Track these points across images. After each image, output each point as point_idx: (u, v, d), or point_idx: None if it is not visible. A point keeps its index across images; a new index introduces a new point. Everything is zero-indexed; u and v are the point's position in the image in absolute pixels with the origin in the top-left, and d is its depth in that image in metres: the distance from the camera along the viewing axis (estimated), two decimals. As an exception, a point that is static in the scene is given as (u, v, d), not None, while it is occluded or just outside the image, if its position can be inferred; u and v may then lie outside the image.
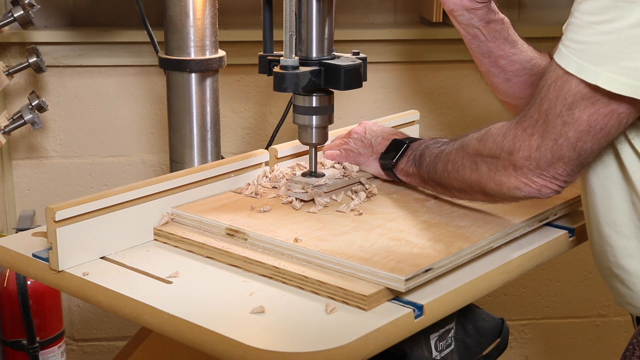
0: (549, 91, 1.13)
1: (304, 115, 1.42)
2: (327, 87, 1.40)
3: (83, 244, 1.24)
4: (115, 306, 1.16)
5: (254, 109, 2.30)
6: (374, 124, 1.58)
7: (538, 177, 1.17)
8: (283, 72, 1.35)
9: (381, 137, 1.51)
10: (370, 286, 1.12)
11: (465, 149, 1.27)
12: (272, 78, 1.38)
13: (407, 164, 1.41)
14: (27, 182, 2.29)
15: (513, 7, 2.38)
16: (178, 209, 1.36)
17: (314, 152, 1.46)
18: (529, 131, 1.15)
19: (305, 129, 1.44)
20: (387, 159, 1.45)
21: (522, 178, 1.18)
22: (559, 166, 1.15)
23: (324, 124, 1.44)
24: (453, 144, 1.31)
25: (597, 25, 1.08)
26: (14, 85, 2.20)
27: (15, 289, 1.97)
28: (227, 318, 1.08)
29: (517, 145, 1.16)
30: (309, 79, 1.36)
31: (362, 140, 1.53)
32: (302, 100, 1.42)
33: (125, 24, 2.22)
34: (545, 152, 1.14)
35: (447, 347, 1.33)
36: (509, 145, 1.17)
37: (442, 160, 1.32)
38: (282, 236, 1.24)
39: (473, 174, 1.25)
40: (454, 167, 1.28)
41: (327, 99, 1.42)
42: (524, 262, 1.29)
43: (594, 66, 1.08)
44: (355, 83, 1.38)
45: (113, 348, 2.40)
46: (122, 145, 2.30)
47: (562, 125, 1.12)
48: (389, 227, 1.29)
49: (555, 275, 2.51)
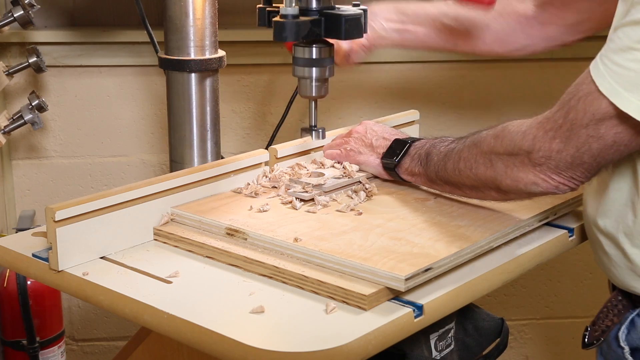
0: (578, 102, 1.13)
1: (304, 67, 1.41)
2: (327, 37, 1.37)
3: (83, 244, 1.24)
4: (115, 306, 1.16)
5: (254, 109, 2.30)
6: (375, 124, 1.58)
7: (556, 175, 1.18)
8: (283, 20, 1.33)
9: (382, 137, 1.51)
10: (370, 286, 1.12)
11: (479, 146, 1.27)
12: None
13: (411, 164, 1.41)
14: (27, 182, 2.29)
15: (513, 7, 2.38)
16: (178, 208, 1.36)
17: (314, 105, 1.45)
18: (550, 134, 1.16)
19: (305, 82, 1.42)
20: (389, 159, 1.45)
21: (540, 174, 1.19)
22: (578, 169, 1.17)
23: (324, 77, 1.42)
24: (464, 142, 1.31)
25: (637, 52, 1.08)
26: (14, 85, 2.20)
27: (15, 289, 1.97)
28: (227, 318, 1.08)
29: (537, 146, 1.17)
30: (309, 28, 1.34)
31: (363, 140, 1.53)
32: (301, 52, 1.40)
33: (125, 24, 2.22)
34: (566, 157, 1.16)
35: (447, 347, 1.33)
36: (528, 144, 1.18)
37: (452, 159, 1.32)
38: (282, 236, 1.24)
39: (488, 170, 1.25)
40: (466, 164, 1.29)
41: (328, 51, 1.40)
42: (523, 262, 1.29)
43: (627, 92, 1.08)
44: (356, 33, 1.35)
45: (113, 348, 2.40)
46: (122, 145, 2.30)
47: (586, 137, 1.13)
48: (388, 227, 1.29)
49: (555, 275, 2.51)
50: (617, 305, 1.31)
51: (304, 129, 1.46)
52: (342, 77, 2.29)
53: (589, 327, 1.36)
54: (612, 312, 1.32)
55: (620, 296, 1.31)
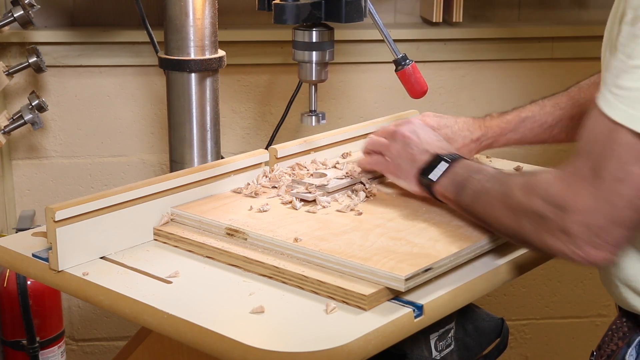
0: (595, 144, 1.03)
1: (304, 51, 1.40)
2: (327, 21, 1.37)
3: (83, 244, 1.24)
4: (115, 306, 1.16)
5: (254, 109, 2.30)
6: (422, 127, 1.43)
7: (591, 247, 1.05)
8: (283, 3, 1.32)
9: (425, 149, 1.38)
10: (370, 286, 1.12)
11: (507, 199, 1.16)
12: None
13: (446, 188, 1.31)
14: (27, 182, 2.29)
15: (513, 7, 2.38)
16: (178, 208, 1.36)
17: (313, 89, 1.44)
18: (577, 188, 1.04)
19: (305, 66, 1.41)
20: (426, 176, 1.34)
21: (571, 246, 1.06)
22: (615, 231, 1.04)
23: (324, 60, 1.41)
24: (494, 183, 1.21)
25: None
26: (14, 85, 2.20)
27: (15, 289, 1.97)
28: (227, 318, 1.08)
29: (569, 205, 1.05)
30: (310, 11, 1.33)
31: (406, 150, 1.39)
32: (301, 36, 1.39)
33: (125, 24, 2.22)
34: (599, 216, 1.03)
35: (447, 347, 1.33)
36: (560, 202, 1.06)
37: (481, 201, 1.23)
38: (282, 236, 1.24)
39: (516, 228, 1.15)
40: (492, 213, 1.20)
41: (327, 34, 1.39)
42: (524, 261, 1.29)
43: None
44: (357, 16, 1.35)
45: (113, 348, 2.40)
46: (122, 145, 2.30)
47: (615, 182, 1.01)
48: (388, 227, 1.29)
49: (555, 275, 2.51)
50: (621, 327, 1.24)
51: (304, 114, 1.46)
52: (342, 77, 2.29)
53: (595, 351, 1.30)
54: (617, 335, 1.25)
55: (624, 318, 1.24)
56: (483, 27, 2.33)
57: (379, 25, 1.55)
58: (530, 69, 2.33)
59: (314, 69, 1.40)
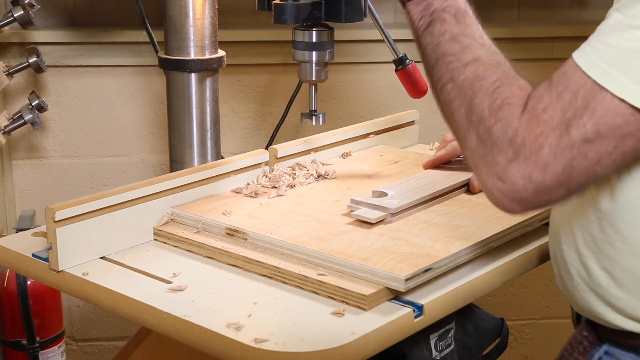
0: (568, 92, 0.96)
1: (304, 51, 1.40)
2: (327, 21, 1.37)
3: (83, 244, 1.24)
4: (115, 306, 1.16)
5: (254, 109, 2.30)
6: None
7: (518, 204, 0.97)
8: (283, 3, 1.32)
9: None
10: (370, 286, 1.12)
11: (473, 97, 1.04)
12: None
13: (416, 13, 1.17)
14: (27, 182, 2.29)
15: (513, 7, 2.38)
16: (178, 209, 1.36)
17: (313, 89, 1.44)
18: (541, 137, 0.95)
19: (305, 66, 1.41)
20: None
21: (499, 193, 0.97)
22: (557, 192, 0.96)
23: (324, 60, 1.41)
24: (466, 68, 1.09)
25: (636, 31, 0.92)
26: (14, 85, 2.20)
27: (15, 289, 1.97)
28: (227, 318, 1.08)
29: (525, 152, 0.95)
30: (310, 11, 1.33)
31: None
32: (301, 36, 1.40)
33: (125, 24, 2.22)
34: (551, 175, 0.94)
35: (447, 347, 1.33)
36: (516, 143, 0.96)
37: (443, 69, 1.09)
38: (282, 236, 1.24)
39: (462, 131, 1.03)
40: (448, 92, 1.06)
41: (327, 34, 1.39)
42: (523, 262, 1.29)
43: (623, 76, 0.91)
44: (357, 16, 1.35)
45: (113, 348, 2.40)
46: (122, 145, 2.30)
47: (583, 143, 0.93)
48: (388, 227, 1.29)
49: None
50: (581, 341, 1.14)
51: (304, 114, 1.46)
52: (342, 77, 2.29)
53: None
54: (577, 349, 1.14)
55: (585, 331, 1.14)
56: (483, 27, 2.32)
57: (379, 25, 1.55)
58: (530, 69, 2.31)
59: (314, 69, 1.40)
